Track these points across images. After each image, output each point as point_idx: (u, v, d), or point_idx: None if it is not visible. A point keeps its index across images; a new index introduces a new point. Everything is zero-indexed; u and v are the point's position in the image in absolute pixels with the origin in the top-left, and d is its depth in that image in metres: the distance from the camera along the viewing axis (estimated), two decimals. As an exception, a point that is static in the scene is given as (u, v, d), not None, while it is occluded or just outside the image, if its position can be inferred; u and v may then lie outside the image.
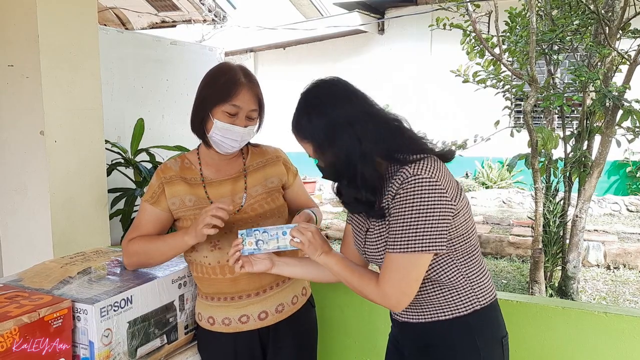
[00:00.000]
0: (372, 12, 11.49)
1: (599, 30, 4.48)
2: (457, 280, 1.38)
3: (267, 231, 1.46)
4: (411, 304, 1.42)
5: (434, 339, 1.42)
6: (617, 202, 8.67)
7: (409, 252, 1.28)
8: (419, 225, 1.27)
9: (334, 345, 2.24)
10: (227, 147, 1.61)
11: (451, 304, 1.39)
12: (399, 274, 1.30)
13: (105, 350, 1.45)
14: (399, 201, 1.29)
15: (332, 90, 1.42)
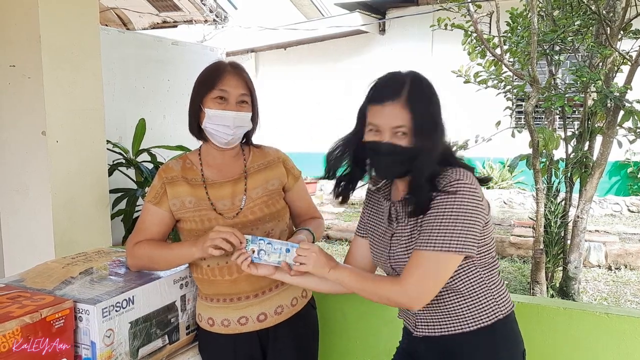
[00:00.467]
0: (373, 12, 11.48)
1: (601, 31, 4.47)
2: (480, 290, 1.39)
3: (271, 243, 1.46)
4: (433, 316, 1.42)
5: (459, 351, 1.41)
6: (618, 203, 8.66)
7: (442, 251, 1.29)
8: (456, 226, 1.28)
9: (335, 347, 2.24)
10: (222, 136, 1.61)
11: (475, 315, 1.39)
12: (426, 270, 1.30)
13: (107, 351, 1.45)
14: (439, 202, 1.30)
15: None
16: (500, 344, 1.41)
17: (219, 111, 1.59)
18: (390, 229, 1.47)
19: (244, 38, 12.32)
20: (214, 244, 1.46)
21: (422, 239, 1.32)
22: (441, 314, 1.41)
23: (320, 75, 12.35)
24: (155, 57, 4.60)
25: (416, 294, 1.31)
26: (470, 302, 1.39)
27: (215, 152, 1.68)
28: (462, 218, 1.29)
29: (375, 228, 1.54)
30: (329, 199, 10.51)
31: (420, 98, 1.36)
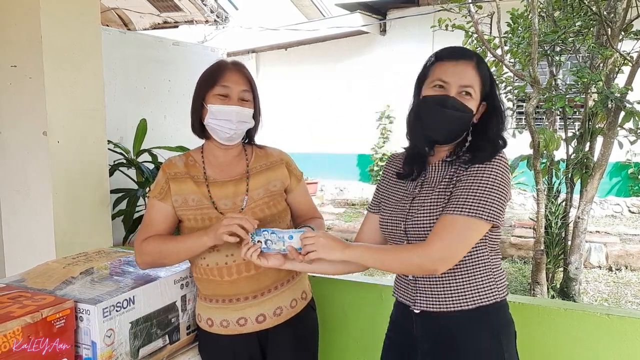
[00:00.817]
0: (374, 13, 11.48)
1: (601, 32, 4.48)
2: (484, 269, 1.42)
3: (275, 232, 1.47)
4: (434, 291, 1.43)
5: (456, 332, 1.42)
6: (619, 204, 8.66)
7: (475, 217, 1.31)
8: (490, 195, 1.32)
9: (335, 347, 2.24)
10: (225, 131, 1.61)
11: (475, 293, 1.41)
12: (457, 234, 1.32)
13: (108, 351, 1.45)
14: (475, 171, 1.35)
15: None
16: (497, 325, 1.42)
17: (221, 106, 1.59)
18: (412, 193, 1.48)
19: (244, 38, 12.34)
20: (228, 230, 1.46)
21: (454, 203, 1.34)
22: (443, 289, 1.42)
23: (321, 76, 12.36)
24: (156, 58, 4.60)
25: (443, 255, 1.32)
26: (474, 280, 1.41)
27: (218, 151, 1.68)
28: (496, 188, 1.33)
29: (391, 195, 1.55)
30: (330, 199, 10.53)
31: (486, 69, 1.43)
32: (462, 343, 1.41)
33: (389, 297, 2.11)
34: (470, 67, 1.39)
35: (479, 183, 1.33)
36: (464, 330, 1.41)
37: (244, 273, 1.61)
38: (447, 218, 1.33)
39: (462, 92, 1.38)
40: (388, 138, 11.64)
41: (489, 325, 1.41)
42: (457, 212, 1.32)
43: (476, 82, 1.39)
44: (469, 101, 1.39)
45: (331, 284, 2.21)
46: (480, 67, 1.41)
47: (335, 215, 8.91)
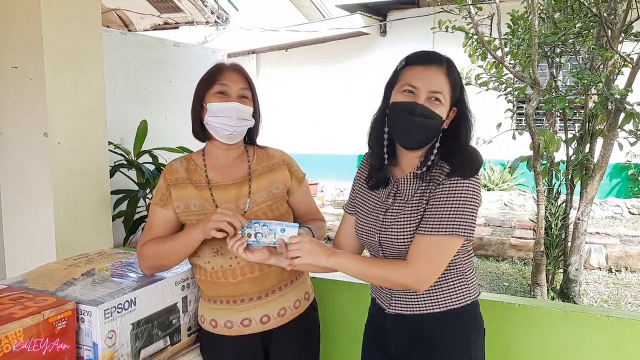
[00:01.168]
0: (374, 14, 11.49)
1: (601, 33, 4.48)
2: (455, 274, 1.44)
3: (267, 225, 1.48)
4: (408, 295, 1.46)
5: (427, 331, 1.46)
6: (619, 205, 8.66)
7: (451, 235, 1.32)
8: (464, 211, 1.33)
9: (336, 347, 2.24)
10: (225, 128, 1.61)
11: (446, 297, 1.44)
12: (434, 254, 1.34)
13: (109, 352, 1.46)
14: (447, 187, 1.34)
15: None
16: (467, 326, 1.46)
17: (221, 103, 1.60)
18: (385, 204, 1.48)
19: (245, 39, 12.33)
20: (217, 227, 1.46)
21: (430, 223, 1.34)
22: (416, 294, 1.45)
23: (321, 77, 12.36)
24: (157, 59, 4.61)
25: (426, 276, 1.35)
26: (445, 285, 1.44)
27: (219, 153, 1.69)
28: (468, 203, 1.33)
29: (365, 201, 1.55)
30: (330, 200, 10.53)
31: (457, 75, 1.41)
32: (433, 338, 1.45)
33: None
34: (441, 72, 1.37)
35: (452, 200, 1.33)
36: (434, 327, 1.45)
37: (248, 275, 1.62)
38: (426, 239, 1.34)
39: (431, 97, 1.36)
40: (388, 139, 11.62)
41: (458, 323, 1.45)
42: (435, 232, 1.33)
43: (446, 88, 1.37)
44: (438, 107, 1.36)
45: (332, 285, 2.21)
46: (451, 72, 1.38)
47: (335, 216, 8.91)
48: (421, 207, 1.40)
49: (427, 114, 1.35)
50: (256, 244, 1.49)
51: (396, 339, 1.51)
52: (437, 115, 1.36)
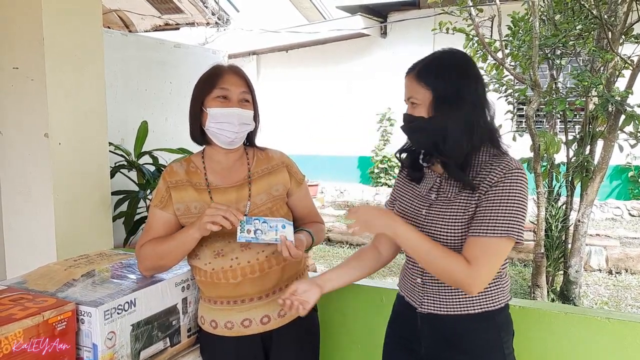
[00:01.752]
0: (375, 15, 11.50)
1: (602, 35, 4.49)
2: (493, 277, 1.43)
3: (267, 221, 1.49)
4: (442, 295, 1.46)
5: (461, 332, 1.45)
6: (619, 207, 8.67)
7: (504, 237, 1.32)
8: (518, 213, 1.34)
9: (336, 349, 2.24)
10: (226, 134, 1.60)
11: (482, 299, 1.44)
12: (494, 257, 1.35)
13: (109, 353, 1.46)
14: (501, 189, 1.35)
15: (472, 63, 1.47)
16: (500, 328, 1.46)
17: (223, 109, 1.59)
18: (427, 198, 1.49)
19: (245, 40, 12.35)
20: (212, 220, 1.46)
21: (485, 223, 1.34)
22: (451, 294, 1.45)
23: (321, 78, 12.37)
24: (158, 60, 4.61)
25: (482, 281, 1.35)
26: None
27: (219, 156, 1.68)
28: (520, 206, 1.34)
29: (405, 192, 1.58)
30: (330, 202, 10.53)
31: (436, 71, 1.41)
32: (466, 339, 1.45)
33: (390, 301, 2.11)
34: (410, 78, 1.44)
35: (506, 201, 1.33)
36: (467, 328, 1.45)
37: (248, 275, 1.62)
38: (485, 240, 1.34)
39: (412, 103, 1.44)
40: (389, 140, 11.65)
41: (492, 324, 1.45)
42: (491, 233, 1.33)
43: (417, 92, 1.41)
44: (416, 109, 1.42)
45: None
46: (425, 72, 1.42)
47: (335, 217, 8.91)
48: (470, 207, 1.39)
49: (407, 118, 1.46)
50: (255, 241, 1.50)
51: (427, 339, 1.51)
52: (414, 117, 1.43)
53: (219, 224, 1.46)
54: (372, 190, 11.06)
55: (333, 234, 7.66)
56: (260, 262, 1.63)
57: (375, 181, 11.76)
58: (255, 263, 1.62)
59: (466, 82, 1.40)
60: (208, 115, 1.59)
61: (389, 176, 11.63)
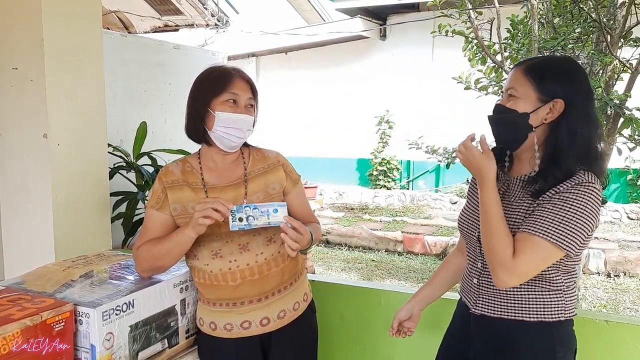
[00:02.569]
0: (374, 18, 11.52)
1: (601, 39, 4.48)
2: (552, 287, 1.40)
3: (258, 207, 1.50)
4: (497, 297, 1.44)
5: (513, 338, 1.42)
6: (618, 210, 8.66)
7: (555, 244, 1.29)
8: (575, 224, 1.29)
9: (334, 350, 2.24)
10: (233, 139, 1.61)
11: (539, 308, 1.40)
12: (536, 257, 1.31)
13: (107, 354, 1.45)
14: (565, 197, 1.31)
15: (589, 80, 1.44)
16: (556, 340, 1.41)
17: (233, 114, 1.59)
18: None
19: (245, 42, 12.36)
20: (203, 215, 1.46)
21: (539, 223, 1.31)
22: (506, 298, 1.43)
23: (320, 80, 12.38)
24: (157, 61, 4.61)
25: (517, 276, 1.31)
26: (540, 295, 1.40)
27: (217, 156, 1.68)
28: (581, 218, 1.30)
29: (472, 193, 1.57)
30: (329, 204, 10.52)
31: (547, 72, 1.39)
32: (517, 347, 1.42)
33: (389, 303, 2.12)
34: (519, 70, 1.41)
35: (568, 208, 1.30)
36: (520, 336, 1.42)
37: (247, 278, 1.62)
38: (534, 239, 1.30)
39: (509, 94, 1.42)
40: (387, 143, 11.65)
41: (547, 335, 1.41)
42: (541, 234, 1.30)
43: (521, 82, 1.39)
44: (513, 102, 1.39)
45: (330, 289, 2.21)
46: (536, 68, 1.39)
47: (334, 219, 8.91)
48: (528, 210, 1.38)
49: (499, 109, 1.43)
50: (249, 227, 1.50)
51: (478, 343, 1.49)
52: (508, 109, 1.40)
53: (211, 217, 1.46)
54: (371, 193, 11.06)
55: (332, 236, 7.66)
56: (260, 265, 1.63)
57: (374, 183, 11.76)
58: (255, 265, 1.62)
59: (574, 89, 1.38)
60: (216, 119, 1.58)
61: (388, 178, 11.63)
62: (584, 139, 1.35)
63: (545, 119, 1.38)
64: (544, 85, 1.37)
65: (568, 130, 1.35)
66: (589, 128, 1.36)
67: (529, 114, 1.38)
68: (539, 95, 1.37)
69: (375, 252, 7.17)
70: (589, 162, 1.36)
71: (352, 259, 6.86)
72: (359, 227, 7.85)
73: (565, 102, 1.35)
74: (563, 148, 1.35)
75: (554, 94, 1.36)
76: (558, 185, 1.33)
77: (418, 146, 6.12)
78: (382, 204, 10.40)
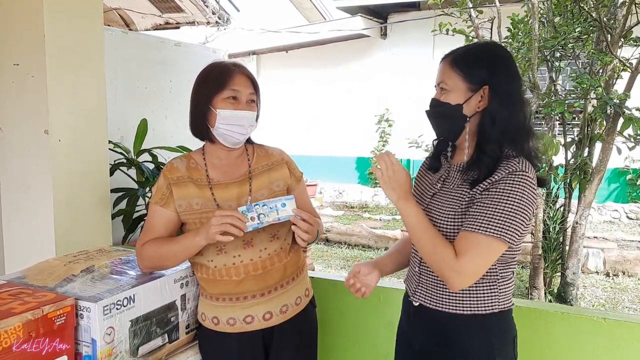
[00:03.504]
0: (375, 16, 11.51)
1: (601, 38, 4.49)
2: (487, 280, 1.41)
3: (266, 204, 1.50)
4: (434, 289, 1.46)
5: (448, 331, 1.44)
6: (617, 210, 8.68)
7: (497, 237, 1.29)
8: (512, 216, 1.30)
9: (333, 347, 2.25)
10: (235, 136, 1.61)
11: (473, 302, 1.41)
12: (482, 254, 1.31)
13: (108, 348, 1.46)
14: (500, 188, 1.32)
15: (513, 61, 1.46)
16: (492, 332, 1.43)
17: (235, 111, 1.59)
18: (433, 187, 1.51)
19: (245, 40, 12.36)
20: (221, 231, 1.46)
21: (480, 221, 1.31)
22: (442, 290, 1.44)
23: (321, 78, 12.38)
24: (158, 58, 4.61)
25: (466, 277, 1.32)
26: (474, 288, 1.41)
27: (222, 153, 1.69)
28: (520, 210, 1.31)
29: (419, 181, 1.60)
30: (329, 202, 10.53)
31: (470, 61, 1.41)
32: (456, 340, 1.44)
33: (387, 300, 2.12)
34: (445, 63, 1.45)
35: (501, 202, 1.30)
36: (458, 330, 1.43)
37: (251, 272, 1.63)
38: (476, 237, 1.31)
39: (440, 89, 1.44)
40: (387, 141, 11.65)
41: (483, 328, 1.42)
42: (482, 230, 1.30)
43: (448, 77, 1.42)
44: (445, 95, 1.42)
45: (329, 285, 2.22)
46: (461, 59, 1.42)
47: (334, 217, 8.92)
48: (465, 197, 1.39)
49: (433, 103, 1.46)
50: (261, 226, 1.51)
51: (419, 335, 1.51)
52: (440, 102, 1.43)
53: (230, 233, 1.46)
54: (370, 191, 11.07)
55: (332, 234, 7.67)
56: (263, 260, 1.64)
57: (374, 182, 11.76)
58: (258, 261, 1.63)
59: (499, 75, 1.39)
60: (218, 116, 1.59)
61: (388, 177, 11.62)
62: (504, 120, 1.37)
63: (478, 107, 1.40)
64: (471, 74, 1.39)
65: (490, 114, 1.37)
66: (510, 109, 1.38)
67: (461, 105, 1.40)
68: (468, 85, 1.39)
69: (374, 251, 7.18)
70: (516, 143, 1.38)
71: (351, 257, 6.87)
72: (358, 225, 7.86)
73: (489, 86, 1.38)
74: (485, 133, 1.38)
75: (482, 81, 1.39)
76: (493, 174, 1.34)
77: (418, 145, 6.14)
78: (382, 203, 10.41)
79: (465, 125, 1.42)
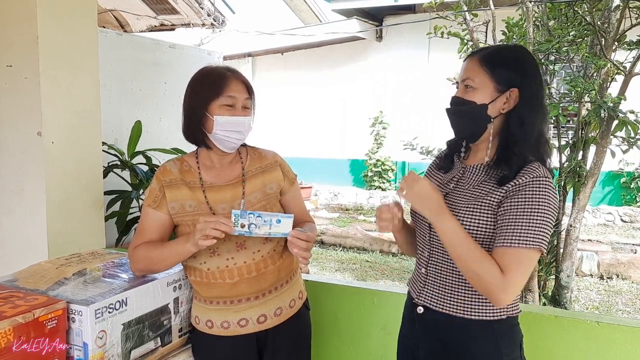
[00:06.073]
0: (371, 19, 11.55)
1: (595, 42, 4.51)
2: None
3: (261, 216, 1.49)
4: (441, 291, 1.44)
5: (456, 335, 1.42)
6: (611, 213, 8.72)
7: (535, 248, 1.27)
8: (542, 223, 1.28)
9: (327, 350, 2.24)
10: (232, 141, 1.61)
11: (481, 306, 1.40)
12: (525, 268, 1.28)
13: (99, 352, 1.45)
14: (528, 197, 1.30)
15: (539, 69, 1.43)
16: (499, 336, 1.41)
17: (232, 117, 1.59)
18: (445, 187, 1.48)
19: (241, 42, 12.37)
20: (204, 234, 1.45)
21: (514, 233, 1.28)
22: (450, 293, 1.42)
23: (316, 81, 12.39)
24: (153, 60, 4.60)
25: (512, 292, 1.29)
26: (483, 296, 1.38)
27: (215, 156, 1.69)
28: (548, 216, 1.29)
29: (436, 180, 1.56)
30: (324, 204, 10.53)
31: (502, 62, 1.38)
32: (459, 346, 1.42)
33: (381, 303, 2.12)
34: (474, 61, 1.40)
35: (532, 209, 1.28)
36: (462, 335, 1.42)
37: (245, 275, 1.62)
38: (514, 252, 1.27)
39: (465, 86, 1.40)
40: (382, 144, 11.68)
41: (490, 332, 1.41)
42: (520, 244, 1.27)
43: (477, 72, 1.38)
44: (470, 93, 1.39)
45: (323, 288, 2.22)
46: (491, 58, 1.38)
47: (329, 220, 8.91)
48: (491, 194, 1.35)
49: (456, 101, 1.42)
50: (249, 235, 1.50)
51: (424, 339, 1.49)
52: (466, 101, 1.39)
53: (211, 237, 1.46)
54: (365, 194, 11.08)
55: (326, 237, 7.66)
56: (257, 262, 1.64)
57: (369, 184, 11.78)
58: (252, 263, 1.63)
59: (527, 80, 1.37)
60: (215, 122, 1.58)
61: (383, 179, 11.65)
62: (535, 127, 1.36)
63: (503, 108, 1.38)
64: (500, 75, 1.37)
65: (521, 120, 1.36)
66: (541, 117, 1.38)
67: (487, 105, 1.38)
68: (496, 85, 1.37)
69: (369, 253, 7.18)
70: (539, 151, 1.38)
71: (346, 260, 6.86)
72: (353, 227, 7.86)
73: (520, 90, 1.36)
74: (518, 137, 1.36)
75: (510, 83, 1.37)
76: (517, 177, 1.33)
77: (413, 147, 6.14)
78: (377, 205, 10.41)
79: (488, 126, 1.39)
